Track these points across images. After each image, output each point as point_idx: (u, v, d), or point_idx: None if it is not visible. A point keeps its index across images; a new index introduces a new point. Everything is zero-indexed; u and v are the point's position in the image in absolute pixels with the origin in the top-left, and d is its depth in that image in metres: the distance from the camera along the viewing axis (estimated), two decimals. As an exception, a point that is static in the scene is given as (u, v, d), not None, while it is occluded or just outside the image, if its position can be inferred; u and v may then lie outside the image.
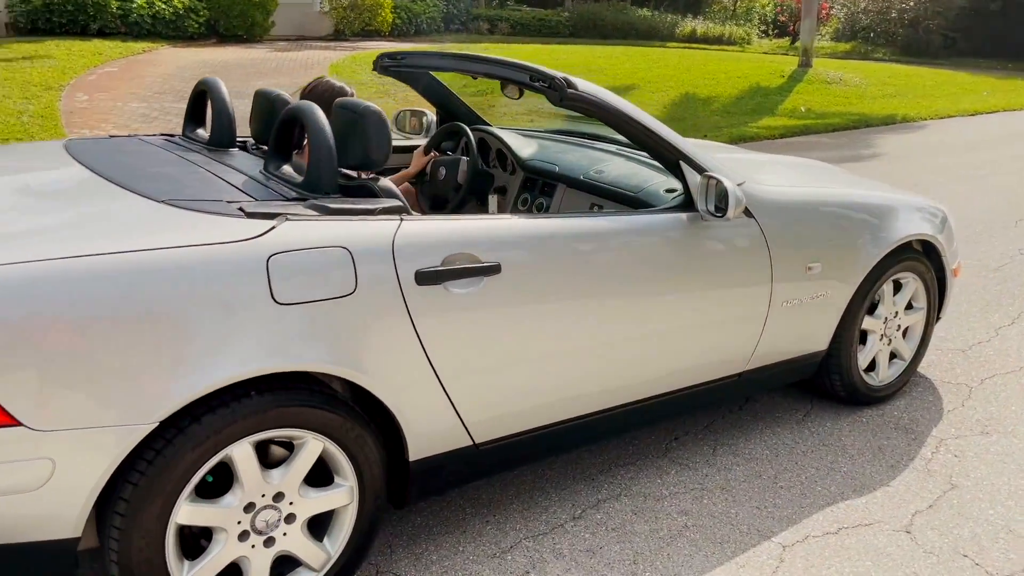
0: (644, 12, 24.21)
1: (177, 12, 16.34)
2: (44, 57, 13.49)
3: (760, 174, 3.29)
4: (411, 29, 20.70)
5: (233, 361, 1.94)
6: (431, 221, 2.30)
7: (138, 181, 2.25)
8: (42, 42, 14.93)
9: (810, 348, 3.27)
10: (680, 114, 12.39)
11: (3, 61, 12.82)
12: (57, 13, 15.58)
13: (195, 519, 1.99)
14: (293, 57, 15.76)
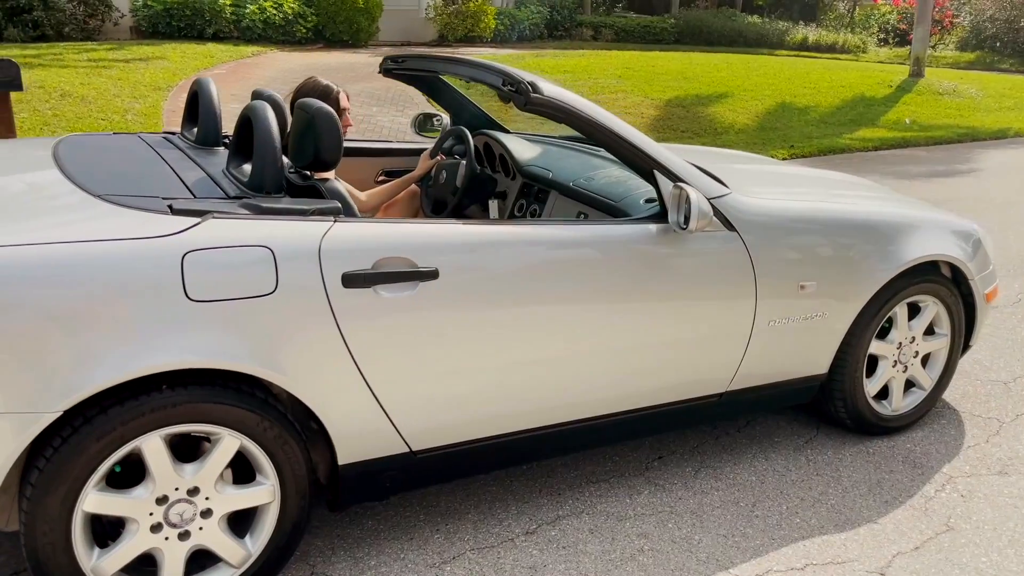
0: (754, 19, 23.59)
1: (287, 17, 16.98)
2: (159, 59, 14.26)
3: (760, 186, 3.13)
4: (513, 35, 20.84)
5: (140, 355, 1.97)
6: (367, 224, 2.29)
7: (89, 177, 2.33)
8: (160, 45, 15.80)
9: (806, 371, 3.08)
10: (772, 123, 12.00)
11: (121, 62, 13.62)
12: (176, 17, 16.47)
13: (104, 508, 2.04)
14: (391, 62, 16.09)
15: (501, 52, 17.73)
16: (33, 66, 12.40)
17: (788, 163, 3.65)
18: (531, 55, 17.08)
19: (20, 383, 1.88)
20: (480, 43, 19.90)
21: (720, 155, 4.11)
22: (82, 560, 2.04)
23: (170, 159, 2.67)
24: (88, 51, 14.26)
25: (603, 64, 15.83)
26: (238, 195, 2.32)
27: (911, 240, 3.13)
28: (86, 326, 1.93)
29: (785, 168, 3.89)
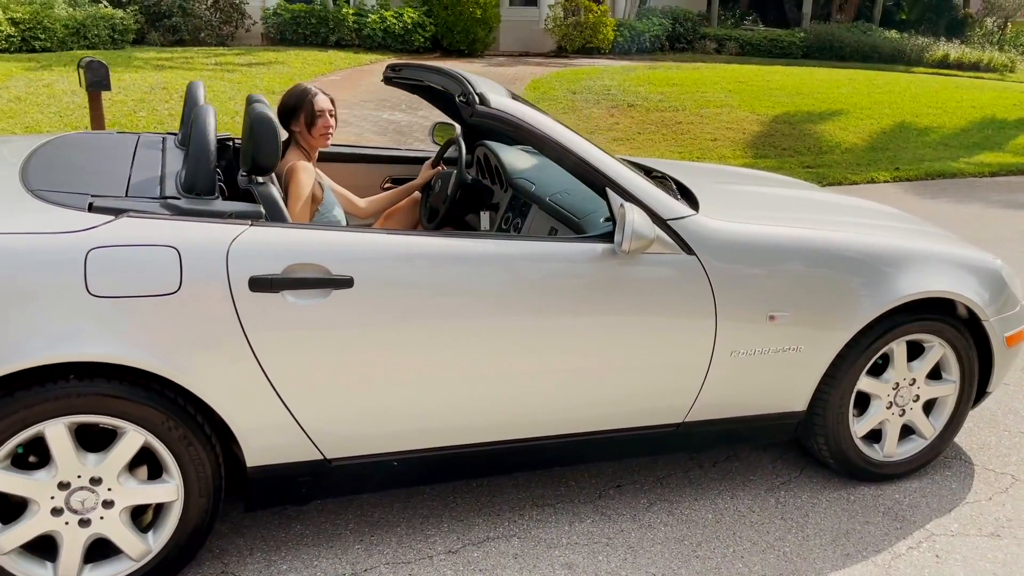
0: (891, 34, 22.45)
1: (406, 27, 17.45)
2: (280, 64, 14.96)
3: (751, 210, 2.97)
4: (632, 47, 20.65)
5: (39, 345, 2.06)
6: (283, 229, 2.31)
7: (38, 173, 2.46)
8: (284, 51, 16.56)
9: (780, 406, 2.90)
10: (883, 144, 11.38)
11: (245, 66, 14.37)
12: (302, 25, 17.23)
13: (6, 486, 2.14)
14: (502, 72, 16.28)
15: (614, 64, 17.62)
16: (164, 68, 13.25)
17: (832, 189, 3.41)
18: (644, 67, 16.88)
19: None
20: (597, 55, 19.83)
21: (737, 175, 3.93)
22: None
23: (140, 159, 2.79)
24: (217, 55, 15.12)
25: (715, 77, 15.46)
26: (171, 195, 2.39)
27: (909, 274, 2.89)
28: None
29: (808, 194, 3.67)
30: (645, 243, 2.48)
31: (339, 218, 3.29)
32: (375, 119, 11.24)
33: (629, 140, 10.93)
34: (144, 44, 16.06)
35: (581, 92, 13.55)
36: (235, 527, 2.68)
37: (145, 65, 13.45)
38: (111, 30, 14.96)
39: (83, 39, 14.54)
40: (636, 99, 13.06)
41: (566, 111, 12.28)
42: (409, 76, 3.38)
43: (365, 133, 10.38)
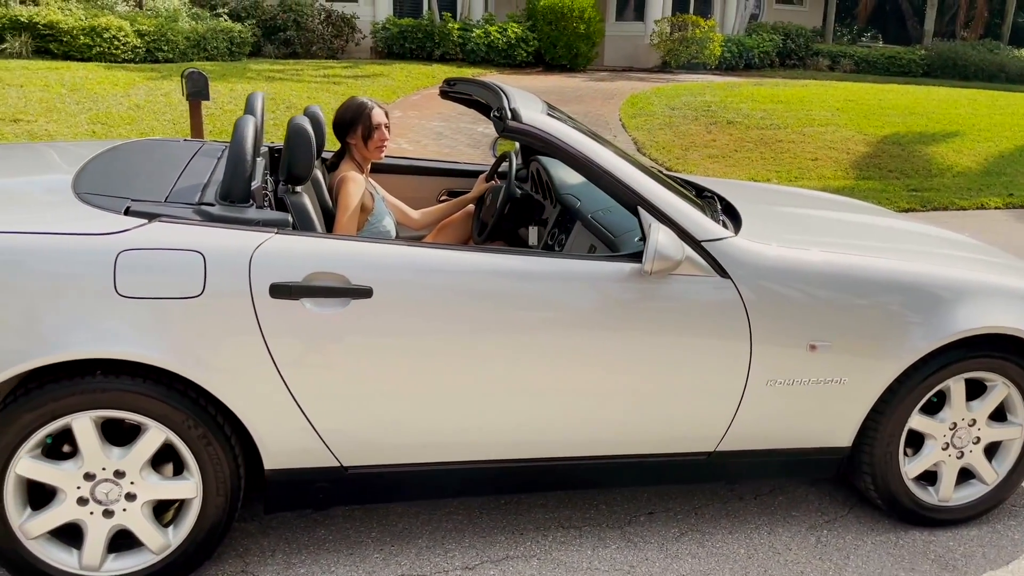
0: (1021, 53, 21.26)
1: (509, 42, 17.64)
2: (384, 77, 15.36)
3: (803, 234, 2.86)
4: (740, 63, 20.26)
5: (68, 341, 2.16)
6: (307, 239, 2.36)
7: (91, 175, 2.59)
8: (390, 64, 16.99)
9: (821, 441, 2.76)
10: (1000, 168, 10.76)
11: (351, 79, 14.81)
12: (409, 40, 17.66)
13: (35, 474, 2.26)
14: (602, 87, 16.24)
15: (719, 80, 17.32)
16: (274, 79, 13.80)
17: (906, 215, 3.22)
18: (749, 83, 16.52)
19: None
20: (702, 70, 19.54)
21: (802, 198, 3.78)
22: (11, 517, 2.26)
23: (193, 166, 2.89)
24: (325, 68, 15.65)
25: (824, 95, 14.98)
26: (207, 203, 2.47)
27: (970, 307, 2.71)
28: (20, 309, 2.14)
29: (875, 219, 3.49)
30: (671, 264, 2.41)
31: (388, 229, 3.34)
32: (470, 132, 11.37)
33: (725, 158, 10.69)
34: (260, 56, 16.78)
35: (680, 108, 13.36)
36: (261, 528, 2.73)
37: (257, 76, 14.04)
38: (229, 42, 15.69)
39: (203, 51, 15.29)
40: (737, 116, 12.78)
41: (662, 127, 12.14)
42: (462, 91, 3.39)
43: (459, 146, 10.51)
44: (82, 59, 14.10)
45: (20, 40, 13.74)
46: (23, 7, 14.13)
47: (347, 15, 17.68)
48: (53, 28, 13.83)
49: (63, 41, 13.88)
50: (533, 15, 18.07)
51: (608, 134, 11.58)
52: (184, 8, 15.91)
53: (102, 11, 14.69)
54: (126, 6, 15.70)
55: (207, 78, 6.96)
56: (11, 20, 13.82)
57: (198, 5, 16.71)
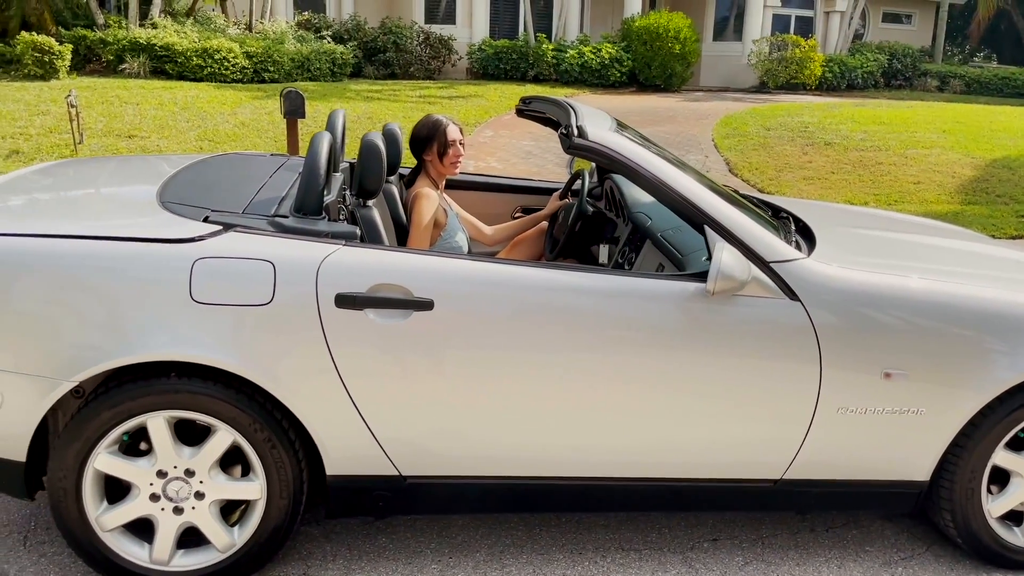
0: None
1: (603, 62, 17.67)
2: (478, 97, 15.60)
3: (868, 255, 2.77)
4: (842, 83, 19.74)
5: (145, 344, 2.27)
6: (372, 250, 2.41)
7: (177, 186, 2.72)
8: (484, 85, 17.25)
9: (896, 474, 2.64)
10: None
11: (445, 99, 15.11)
12: (504, 61, 17.89)
13: (111, 469, 2.37)
14: (696, 107, 16.07)
15: (818, 100, 16.90)
16: (372, 99, 14.20)
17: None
18: (850, 104, 16.08)
19: (47, 353, 2.26)
20: (802, 91, 19.13)
21: (888, 221, 3.65)
22: (89, 509, 2.38)
23: (275, 180, 3.00)
24: (422, 88, 16.00)
25: (930, 116, 14.44)
26: (281, 215, 2.56)
27: (1060, 339, 2.56)
28: (102, 312, 2.27)
29: (968, 245, 3.34)
30: (735, 285, 2.37)
31: (461, 244, 3.39)
32: (558, 151, 11.42)
33: (821, 180, 10.42)
34: (360, 77, 17.30)
35: (775, 128, 13.10)
36: (325, 533, 2.80)
37: (356, 96, 14.46)
38: (331, 63, 16.23)
39: (307, 71, 15.86)
40: (835, 137, 12.45)
41: (756, 148, 11.92)
42: (536, 109, 3.42)
43: (547, 164, 10.57)
44: (194, 79, 14.82)
45: (139, 61, 14.54)
46: (142, 30, 14.96)
47: (444, 37, 18.05)
48: (169, 50, 14.58)
49: (178, 62, 14.61)
50: (628, 36, 18.07)
51: (699, 155, 11.45)
52: (291, 30, 16.56)
53: (214, 34, 15.42)
54: (237, 29, 16.43)
55: (304, 97, 7.22)
56: (131, 42, 14.64)
57: (304, 28, 17.35)
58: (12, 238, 2.31)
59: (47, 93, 12.62)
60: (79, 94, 12.63)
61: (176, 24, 15.65)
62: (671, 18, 17.74)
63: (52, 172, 3.08)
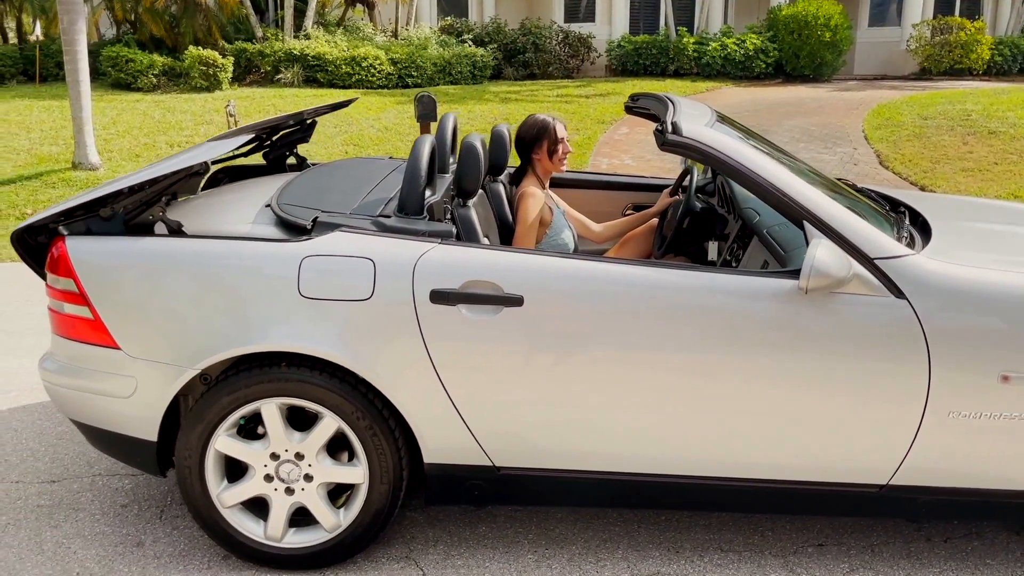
0: None
1: (747, 53, 17.18)
2: (615, 95, 15.53)
3: (989, 252, 2.62)
4: (1013, 67, 18.33)
5: (261, 335, 2.46)
6: (466, 248, 2.50)
7: (294, 188, 2.90)
8: (622, 82, 17.15)
9: (1016, 484, 2.48)
10: None
11: (583, 97, 15.15)
12: (643, 56, 17.73)
13: (230, 450, 2.57)
14: (847, 97, 15.35)
15: (985, 86, 15.76)
16: (510, 101, 14.42)
17: None
18: (1018, 88, 14.89)
19: (174, 344, 2.49)
20: (968, 76, 17.90)
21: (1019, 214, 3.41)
22: (211, 487, 2.59)
23: (387, 182, 3.15)
24: (560, 88, 16.10)
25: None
26: (385, 215, 2.69)
27: None
28: (221, 307, 2.47)
29: None
30: (831, 282, 2.29)
31: (567, 242, 3.43)
32: (697, 147, 11.19)
33: (982, 172, 9.74)
34: (500, 79, 17.60)
35: (934, 117, 12.34)
36: (428, 519, 2.91)
37: (494, 98, 14.73)
38: (472, 66, 16.61)
39: (448, 75, 16.30)
40: (1001, 125, 11.59)
41: (910, 138, 11.27)
42: (643, 105, 3.42)
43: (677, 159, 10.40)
44: (343, 86, 15.55)
45: (293, 71, 15.40)
46: (296, 41, 15.83)
47: (583, 35, 18.08)
48: (320, 59, 15.36)
49: (328, 70, 15.37)
50: (774, 25, 17.48)
51: (847, 147, 10.95)
52: (434, 36, 17.06)
53: (362, 42, 16.11)
54: (383, 36, 17.09)
55: (435, 101, 7.44)
56: (286, 53, 15.52)
57: (446, 32, 17.83)
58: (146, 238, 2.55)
59: (211, 103, 13.59)
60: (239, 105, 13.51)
61: (327, 34, 16.46)
62: (821, 5, 17.02)
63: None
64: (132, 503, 3.01)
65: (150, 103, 13.84)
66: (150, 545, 2.77)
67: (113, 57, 15.29)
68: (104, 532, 2.84)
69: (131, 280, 2.51)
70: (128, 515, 2.94)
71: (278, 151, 3.58)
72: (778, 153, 3.01)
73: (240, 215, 2.74)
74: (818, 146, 11.30)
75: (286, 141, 3.59)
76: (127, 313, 2.52)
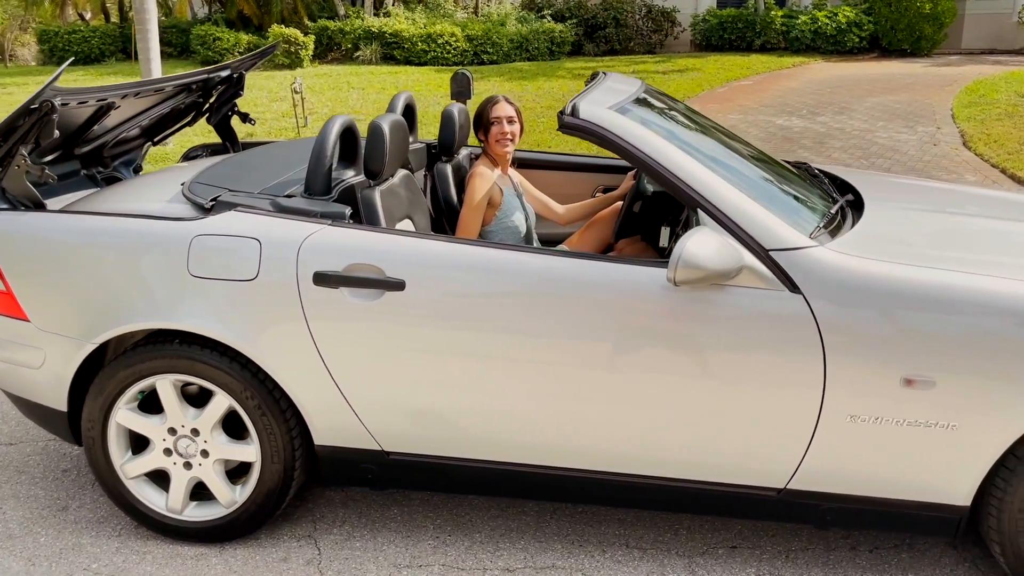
0: None
1: (839, 27, 16.39)
2: (694, 70, 15.11)
3: (913, 244, 2.42)
4: None
5: (149, 313, 2.50)
6: (351, 231, 2.47)
7: (216, 169, 2.93)
8: (704, 57, 16.65)
9: (926, 495, 2.29)
10: None
11: (659, 73, 14.80)
12: (728, 31, 17.16)
13: (130, 423, 2.63)
14: (943, 72, 14.46)
15: None
16: (581, 77, 14.21)
17: None
18: None
19: (75, 319, 2.56)
20: (1086, 49, 16.56)
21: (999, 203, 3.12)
22: (114, 458, 2.66)
23: None
24: (638, 63, 15.76)
25: None
26: (289, 195, 2.68)
27: None
28: (113, 284, 2.52)
29: None
30: (704, 274, 2.15)
31: (517, 225, 3.35)
32: (766, 125, 10.82)
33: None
34: (580, 55, 17.37)
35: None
36: (344, 499, 2.92)
37: (567, 75, 14.55)
38: (550, 42, 16.44)
39: (525, 52, 16.19)
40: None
41: (1001, 117, 10.53)
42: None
43: (748, 139, 10.05)
44: (419, 63, 15.66)
45: (371, 48, 15.61)
46: (375, 19, 16.02)
47: (667, 9, 17.64)
48: (397, 36, 15.51)
49: (404, 48, 15.51)
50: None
51: (930, 126, 10.32)
52: (515, 12, 16.96)
53: (441, 19, 16.17)
54: (464, 13, 17.10)
55: (471, 78, 7.37)
56: (365, 31, 15.74)
57: (527, 9, 17.70)
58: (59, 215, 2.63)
59: (288, 80, 13.92)
60: (315, 81, 13.80)
61: (407, 11, 16.59)
62: (922, -25, 16.06)
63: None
64: (73, 468, 3.13)
65: (232, 80, 14.30)
66: (74, 510, 2.88)
67: (202, 36, 15.85)
68: (37, 495, 2.96)
69: (37, 254, 2.59)
70: (65, 480, 3.06)
71: (219, 115, 3.61)
72: (711, 137, 2.86)
73: (162, 193, 2.79)
74: (898, 124, 10.70)
75: (221, 101, 3.60)
76: (34, 287, 2.60)
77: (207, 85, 3.39)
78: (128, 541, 2.71)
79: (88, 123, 2.90)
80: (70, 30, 17.74)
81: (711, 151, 2.71)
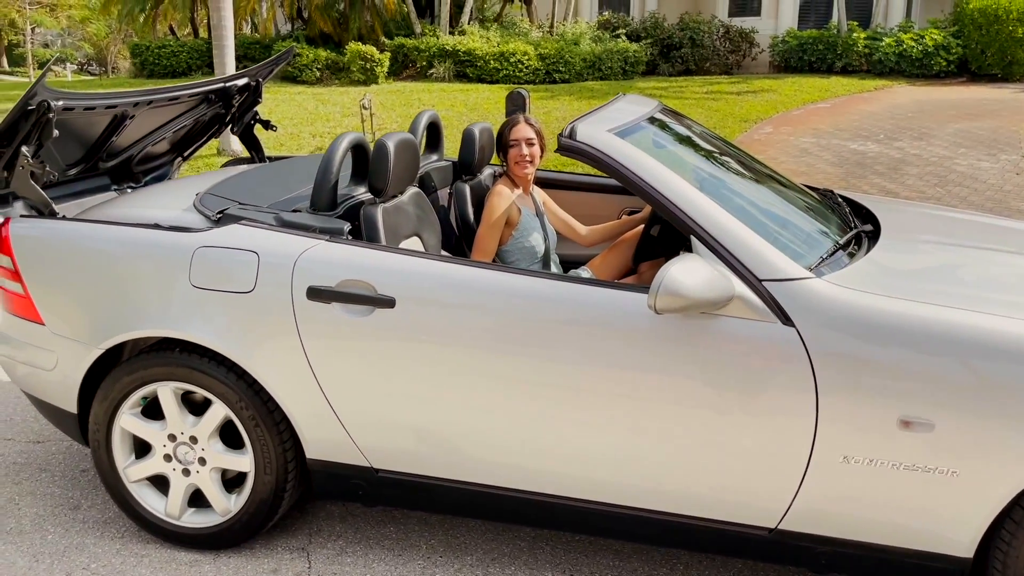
0: None
1: (925, 50, 15.87)
2: (770, 92, 14.80)
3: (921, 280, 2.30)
4: None
5: (151, 322, 2.56)
6: (346, 247, 2.48)
7: (231, 181, 2.99)
8: (782, 79, 16.30)
9: (925, 544, 2.16)
10: None
11: (732, 95, 14.56)
12: (808, 52, 16.79)
13: (133, 428, 2.69)
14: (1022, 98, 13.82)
15: None
16: (654, 97, 14.10)
17: None
18: None
19: (85, 324, 2.64)
20: None
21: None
22: (118, 461, 2.73)
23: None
24: (712, 84, 15.55)
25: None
26: (295, 210, 2.71)
27: None
28: (125, 292, 2.59)
29: None
30: (687, 302, 2.08)
31: (534, 245, 3.32)
32: (839, 149, 10.53)
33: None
34: (654, 75, 17.23)
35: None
36: (344, 514, 2.92)
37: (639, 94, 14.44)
38: (623, 62, 16.37)
39: (597, 71, 16.16)
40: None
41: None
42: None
43: (819, 164, 9.80)
44: (491, 81, 15.79)
45: (444, 66, 15.82)
46: (450, 37, 16.24)
47: (746, 30, 17.37)
48: (470, 55, 15.69)
49: (477, 66, 15.67)
50: (960, 19, 16.02)
51: (1013, 155, 9.88)
52: (589, 31, 16.96)
53: (515, 37, 16.29)
54: (539, 32, 17.19)
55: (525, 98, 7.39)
56: (439, 49, 15.97)
57: (603, 28, 17.68)
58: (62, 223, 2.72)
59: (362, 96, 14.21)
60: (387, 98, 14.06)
61: (482, 30, 16.76)
62: (1016, -3, 15.43)
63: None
64: (91, 469, 3.23)
65: (309, 95, 14.67)
66: (84, 510, 2.96)
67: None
68: (53, 493, 3.06)
69: (53, 260, 2.68)
70: (82, 480, 3.15)
71: (241, 124, 3.68)
72: (724, 162, 2.79)
73: (179, 201, 2.86)
74: (980, 152, 10.28)
75: (242, 110, 3.67)
76: (49, 291, 2.70)
77: (226, 94, 3.47)
78: (129, 544, 2.77)
79: (106, 134, 2.99)
80: (160, 44, 18.50)
81: (718, 176, 2.65)
